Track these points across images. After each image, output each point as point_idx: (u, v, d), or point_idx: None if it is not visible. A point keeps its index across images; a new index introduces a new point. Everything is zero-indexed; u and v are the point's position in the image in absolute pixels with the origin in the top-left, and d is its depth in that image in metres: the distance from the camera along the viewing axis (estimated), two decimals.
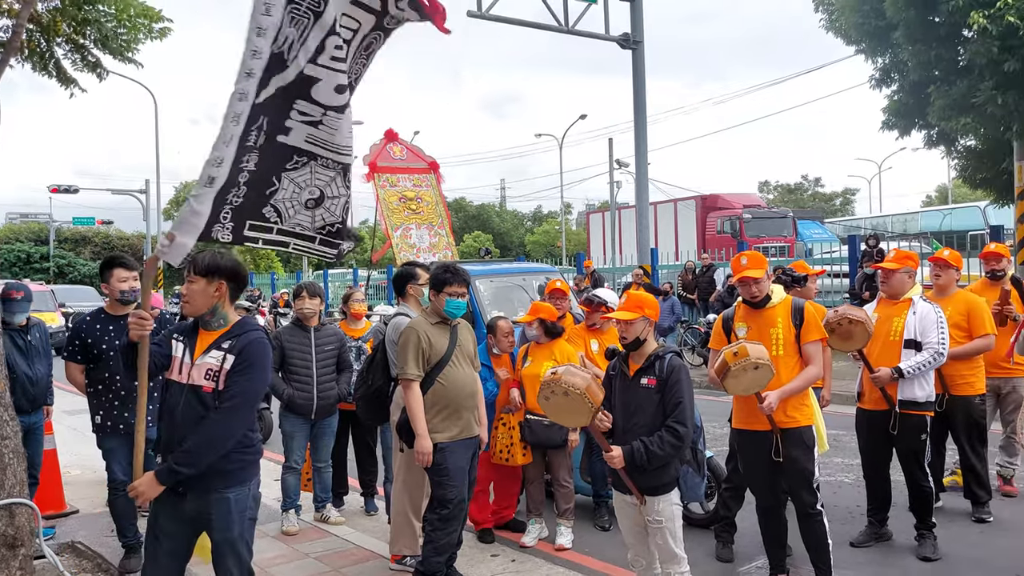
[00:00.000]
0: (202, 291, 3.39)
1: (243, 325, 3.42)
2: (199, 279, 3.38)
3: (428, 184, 10.06)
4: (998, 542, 5.32)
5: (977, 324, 5.55)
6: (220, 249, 3.88)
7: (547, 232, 56.72)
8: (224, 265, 3.41)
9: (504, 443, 5.66)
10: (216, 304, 3.41)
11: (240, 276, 3.48)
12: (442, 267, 4.78)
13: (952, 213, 27.29)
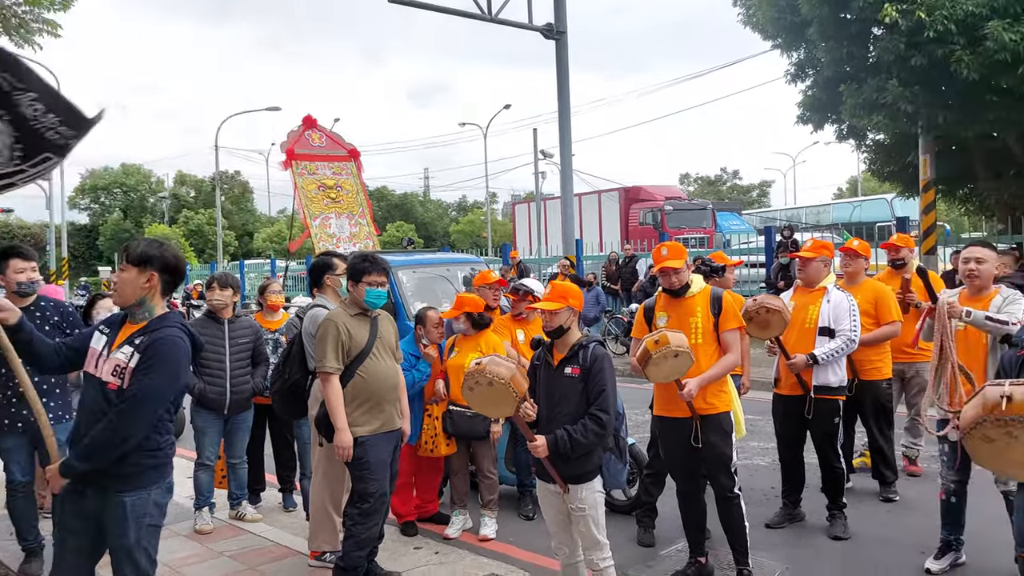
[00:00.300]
0: (132, 281, 3.20)
1: (161, 320, 3.21)
2: (130, 268, 3.20)
3: (348, 172, 9.86)
4: (904, 520, 5.54)
5: (884, 311, 5.75)
6: (161, 238, 3.65)
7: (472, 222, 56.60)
8: (158, 255, 3.21)
9: (428, 434, 5.59)
10: (144, 296, 3.22)
11: (176, 269, 3.27)
12: (359, 256, 4.67)
13: (861, 205, 28.43)
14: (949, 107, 12.01)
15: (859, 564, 4.84)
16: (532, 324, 6.00)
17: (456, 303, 5.72)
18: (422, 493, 5.87)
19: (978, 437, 2.26)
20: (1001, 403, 2.19)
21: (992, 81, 11.26)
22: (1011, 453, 2.23)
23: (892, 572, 4.69)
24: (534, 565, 5.00)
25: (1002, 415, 2.18)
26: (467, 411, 5.32)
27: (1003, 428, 2.19)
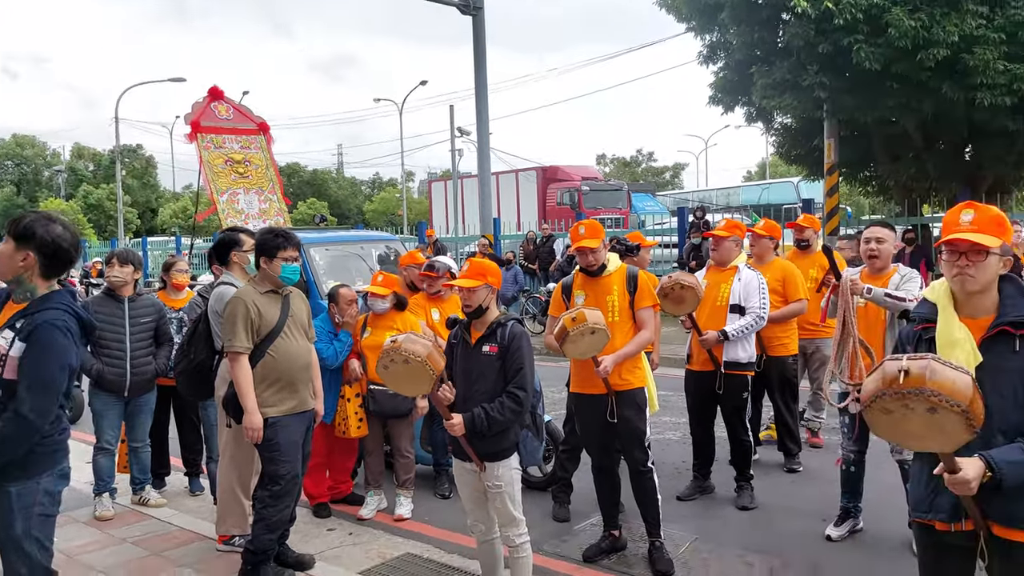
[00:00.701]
0: (8, 257, 2.98)
1: (44, 302, 2.99)
2: (9, 242, 2.98)
3: (257, 146, 9.51)
4: (807, 490, 5.76)
5: (792, 290, 5.94)
6: (55, 213, 3.38)
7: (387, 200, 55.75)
8: (38, 235, 2.97)
9: (340, 416, 5.49)
10: (21, 276, 3.00)
11: (55, 254, 3.01)
12: (273, 231, 4.51)
13: (769, 188, 29.37)
14: (852, 93, 12.46)
15: (765, 532, 5.01)
16: (447, 303, 5.94)
17: (385, 281, 5.57)
18: (335, 474, 5.77)
19: (877, 409, 2.32)
20: (899, 376, 2.25)
21: (892, 68, 11.73)
22: (907, 424, 2.30)
23: (795, 539, 4.87)
24: (450, 543, 4.98)
25: (900, 388, 2.24)
26: (388, 389, 5.23)
27: (900, 400, 2.26)
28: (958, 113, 12.31)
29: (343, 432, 5.50)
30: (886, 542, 4.76)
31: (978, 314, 2.62)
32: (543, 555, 4.67)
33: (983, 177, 13.97)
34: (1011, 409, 2.51)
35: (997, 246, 2.57)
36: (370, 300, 5.57)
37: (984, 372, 2.48)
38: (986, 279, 2.58)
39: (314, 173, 59.59)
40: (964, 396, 2.20)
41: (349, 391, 5.50)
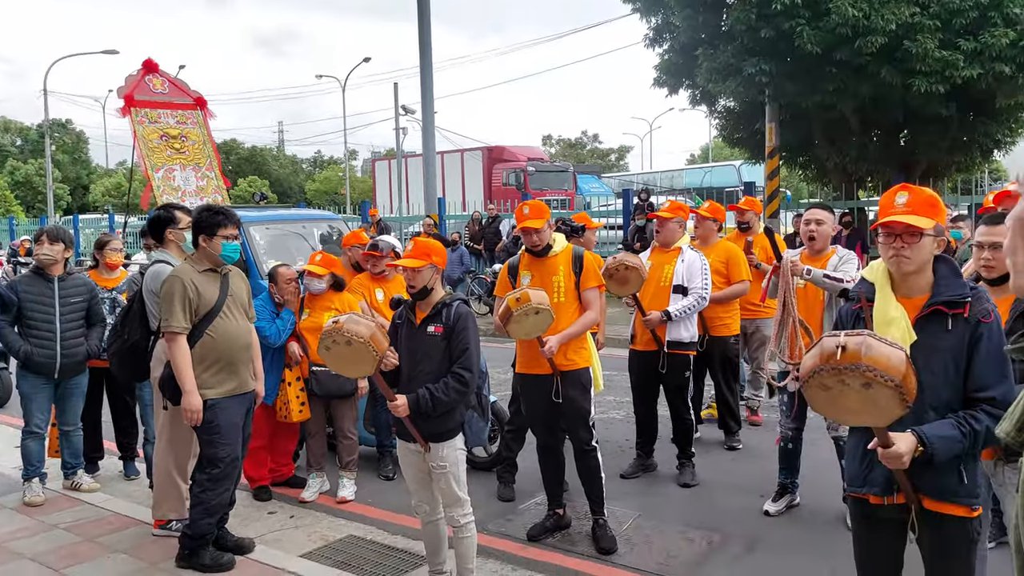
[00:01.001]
0: None
1: None
2: None
3: (194, 121, 9.21)
4: (746, 467, 5.89)
5: (735, 271, 6.03)
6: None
7: (329, 179, 54.84)
8: None
9: (281, 399, 5.39)
10: None
11: None
12: (211, 209, 4.40)
13: (712, 171, 29.76)
14: (793, 78, 12.68)
15: (705, 508, 5.10)
16: (391, 283, 5.87)
17: (324, 261, 5.48)
18: (276, 456, 5.68)
19: (815, 385, 2.37)
20: (836, 353, 2.29)
21: (832, 54, 11.96)
22: (844, 400, 2.35)
23: (735, 515, 4.97)
24: (394, 524, 4.95)
25: (837, 364, 2.29)
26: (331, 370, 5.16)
27: (837, 376, 2.31)
28: (894, 99, 12.63)
29: (284, 416, 5.41)
30: (821, 516, 4.89)
31: (913, 294, 2.69)
32: (488, 534, 4.68)
33: (917, 162, 14.39)
34: (943, 386, 2.58)
35: (931, 227, 2.63)
36: (307, 280, 5.47)
37: (918, 350, 2.55)
38: (921, 259, 2.65)
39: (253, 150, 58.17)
40: (898, 371, 2.26)
41: (289, 375, 5.41)
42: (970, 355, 2.57)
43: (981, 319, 2.57)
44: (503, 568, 4.31)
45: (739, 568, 4.27)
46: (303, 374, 5.45)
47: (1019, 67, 11.59)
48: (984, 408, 2.53)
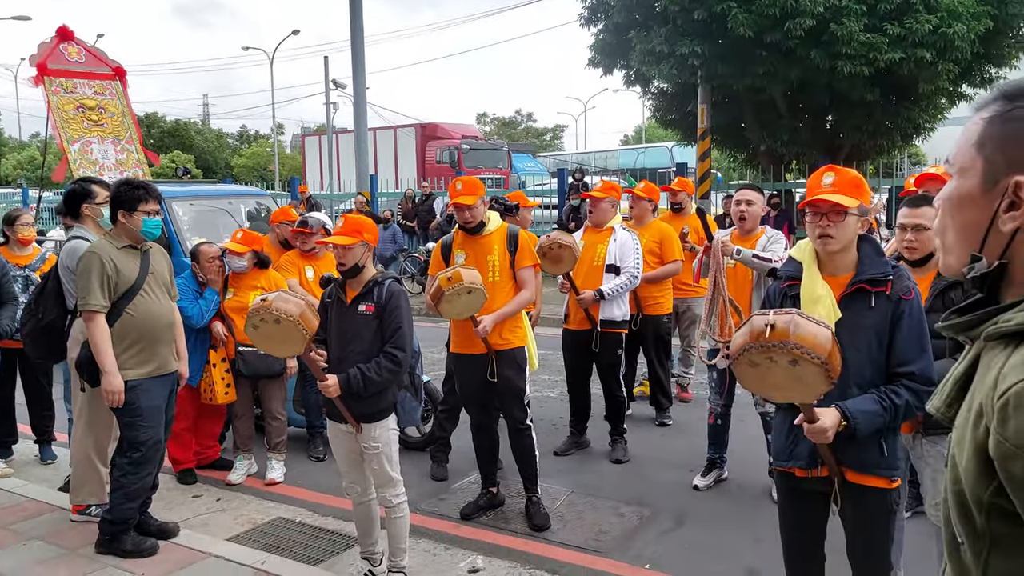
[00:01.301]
0: None
1: None
2: None
3: (113, 93, 8.80)
4: (676, 442, 5.99)
5: (668, 251, 6.09)
6: None
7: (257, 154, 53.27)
8: None
9: (205, 382, 5.24)
10: None
11: None
12: (131, 183, 4.21)
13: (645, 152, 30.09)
14: (725, 60, 12.85)
15: (637, 484, 5.18)
16: (322, 261, 5.75)
17: (245, 239, 5.32)
18: (202, 439, 5.53)
19: (744, 363, 2.40)
20: (765, 331, 2.33)
21: (763, 36, 12.17)
22: (772, 377, 2.40)
23: (665, 489, 5.05)
24: (324, 506, 4.89)
25: (765, 341, 2.33)
26: (259, 349, 5.03)
27: (766, 354, 2.35)
28: (821, 82, 12.93)
29: (210, 399, 5.27)
30: (748, 490, 5.02)
31: (839, 272, 2.75)
32: (421, 514, 4.65)
33: (841, 146, 14.80)
34: (866, 362, 2.66)
35: (855, 206, 2.69)
36: (228, 258, 5.31)
37: (843, 327, 2.62)
38: (846, 238, 2.71)
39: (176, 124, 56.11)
40: (824, 349, 2.31)
41: (214, 356, 5.26)
42: (892, 331, 2.65)
43: (902, 296, 2.65)
44: (436, 547, 4.29)
45: (669, 542, 4.35)
46: (228, 355, 5.31)
47: (939, 53, 11.99)
48: (904, 383, 2.62)
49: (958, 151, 1.08)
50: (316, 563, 4.10)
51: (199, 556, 4.07)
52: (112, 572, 3.91)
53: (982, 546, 0.95)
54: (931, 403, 1.11)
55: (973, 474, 0.94)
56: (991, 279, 1.05)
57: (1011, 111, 1.02)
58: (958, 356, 3.09)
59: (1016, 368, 0.90)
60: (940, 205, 1.11)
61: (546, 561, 4.12)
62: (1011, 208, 1.01)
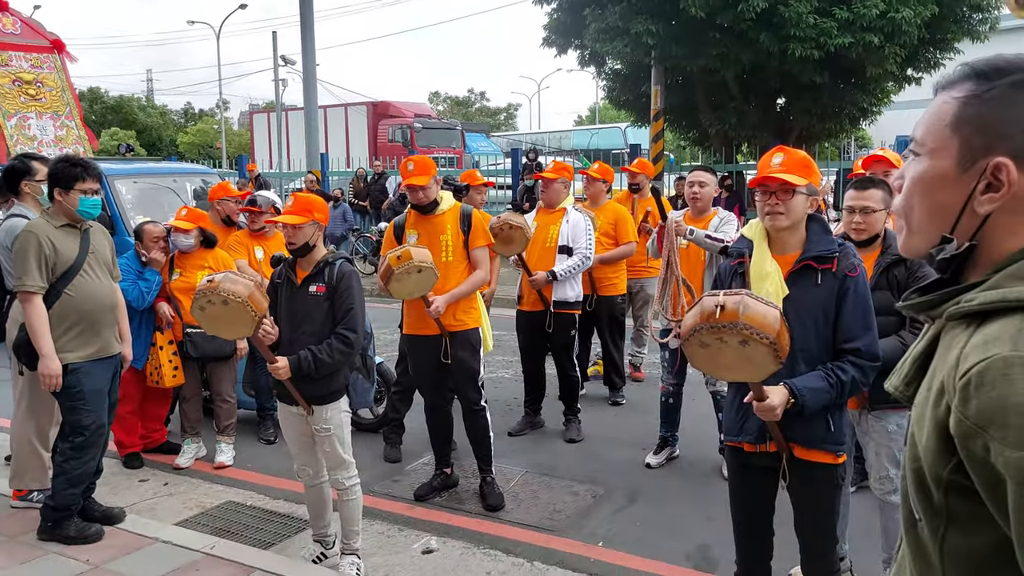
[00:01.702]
0: None
1: None
2: None
3: (51, 66, 8.51)
4: (629, 421, 6.06)
5: (623, 232, 6.10)
6: None
7: (203, 132, 51.99)
8: None
9: (152, 364, 5.11)
10: None
11: None
12: (69, 160, 4.07)
13: (598, 132, 30.15)
14: (679, 41, 12.91)
15: (591, 463, 5.22)
16: (271, 240, 5.65)
17: (189, 215, 5.20)
18: (147, 422, 5.40)
19: (695, 343, 2.43)
20: (716, 312, 2.36)
21: (715, 18, 12.24)
22: (722, 357, 2.42)
23: (618, 468, 5.10)
24: (275, 489, 4.83)
25: (716, 322, 2.35)
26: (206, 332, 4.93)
27: (716, 334, 2.37)
28: (772, 65, 13.08)
29: (156, 382, 5.14)
30: (699, 467, 5.09)
31: (787, 250, 2.79)
32: (374, 496, 4.63)
33: (791, 128, 15.02)
34: (813, 338, 2.70)
35: (804, 185, 2.73)
36: (174, 236, 5.17)
37: (790, 304, 2.67)
38: (794, 216, 2.74)
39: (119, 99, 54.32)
40: (772, 329, 2.34)
41: (161, 338, 5.13)
42: (838, 308, 2.70)
43: (848, 273, 2.70)
44: (389, 529, 4.27)
45: (622, 519, 4.39)
46: (176, 337, 5.18)
47: (886, 37, 12.21)
48: (850, 359, 2.67)
49: (927, 131, 1.06)
50: (267, 546, 4.05)
51: (146, 541, 3.98)
52: (55, 559, 3.81)
53: (939, 522, 0.97)
54: (889, 382, 1.12)
55: (933, 452, 0.95)
56: (957, 261, 1.04)
57: (989, 91, 1.00)
58: (902, 333, 3.17)
59: (978, 348, 0.91)
60: (908, 185, 1.09)
61: (501, 541, 4.14)
62: (988, 190, 1.00)
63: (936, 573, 0.99)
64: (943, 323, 1.03)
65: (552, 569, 3.83)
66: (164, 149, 48.02)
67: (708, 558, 3.93)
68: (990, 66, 1.02)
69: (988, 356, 0.89)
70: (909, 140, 1.11)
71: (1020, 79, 0.99)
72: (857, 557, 3.71)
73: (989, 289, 0.96)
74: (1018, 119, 0.98)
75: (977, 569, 0.94)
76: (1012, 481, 0.85)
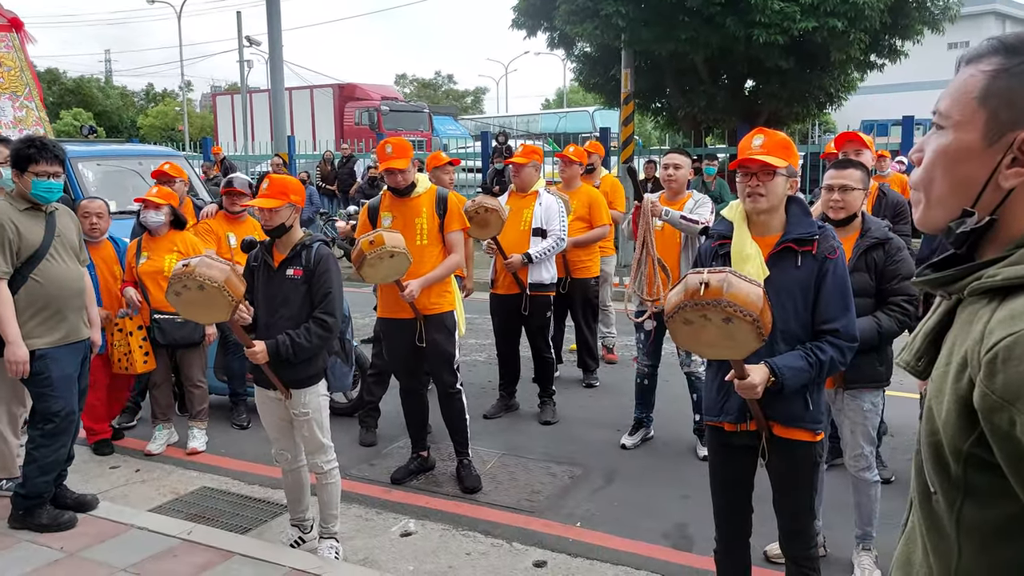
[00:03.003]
0: None
1: None
2: None
3: (9, 45, 8.24)
4: (602, 402, 6.10)
5: (597, 215, 6.11)
6: None
7: (164, 113, 50.92)
8: None
9: (121, 350, 5.01)
10: None
11: None
12: (25, 141, 3.95)
13: (567, 116, 30.06)
14: (649, 24, 12.90)
15: (567, 444, 5.25)
16: (244, 225, 5.56)
17: (162, 194, 5.09)
18: (114, 408, 5.30)
19: (679, 320, 2.44)
20: (700, 289, 2.37)
21: (685, 3, 12.26)
22: (705, 334, 2.44)
23: (594, 449, 5.14)
24: (250, 474, 4.79)
25: (700, 299, 2.37)
26: (176, 317, 4.84)
27: (700, 311, 2.39)
28: (740, 49, 13.14)
29: (126, 368, 5.03)
30: (674, 447, 5.15)
31: (768, 232, 2.81)
32: (351, 479, 4.61)
33: (759, 112, 15.12)
34: (792, 319, 2.73)
35: (783, 167, 2.74)
36: (144, 213, 5.06)
37: (770, 285, 2.68)
38: (775, 197, 2.76)
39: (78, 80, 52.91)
40: (756, 307, 2.36)
41: (130, 324, 5.02)
42: (817, 289, 2.73)
43: (827, 256, 2.73)
44: (367, 512, 4.27)
45: (600, 499, 4.43)
46: (145, 322, 5.08)
47: (850, 22, 12.33)
48: (829, 339, 2.70)
49: (953, 103, 1.05)
50: (244, 532, 4.02)
51: (121, 528, 3.93)
52: (27, 547, 3.74)
53: (957, 495, 0.98)
54: (900, 356, 1.12)
55: (953, 425, 0.96)
56: (974, 236, 1.04)
57: (1020, 65, 1.00)
58: (878, 314, 3.22)
59: (1004, 323, 0.92)
60: (930, 158, 1.08)
61: (479, 523, 4.15)
62: (1014, 164, 1.00)
63: (950, 544, 1.00)
64: (959, 298, 1.04)
65: (531, 550, 3.85)
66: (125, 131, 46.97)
67: (685, 536, 3.98)
68: (1020, 40, 1.01)
69: (1016, 331, 0.89)
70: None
71: None
72: (830, 532, 3.79)
73: (1012, 265, 0.97)
74: None
75: (992, 541, 0.96)
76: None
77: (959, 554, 0.99)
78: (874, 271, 3.31)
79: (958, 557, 0.99)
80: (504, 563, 3.74)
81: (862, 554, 3.58)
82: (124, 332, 5.02)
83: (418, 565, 3.73)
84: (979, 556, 0.97)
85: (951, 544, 1.00)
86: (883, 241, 3.35)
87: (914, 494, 1.08)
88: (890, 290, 3.33)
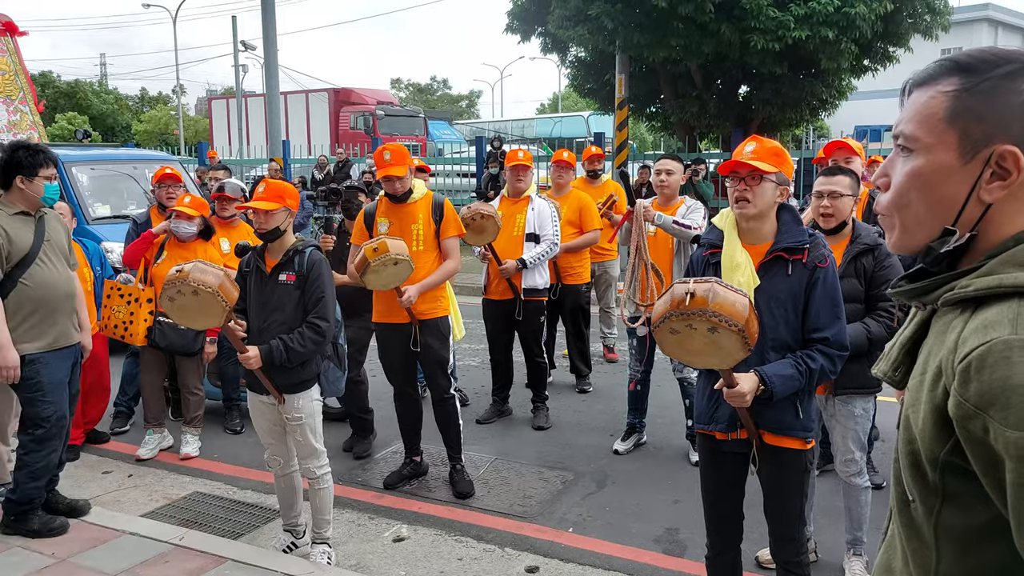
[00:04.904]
0: None
1: None
2: None
3: (3, 49, 8.26)
4: (596, 407, 6.11)
5: (588, 220, 6.12)
6: None
7: (158, 118, 50.86)
8: None
9: (120, 316, 4.95)
10: None
11: None
12: (27, 147, 3.95)
13: (562, 121, 30.13)
14: (642, 30, 12.96)
15: (559, 449, 5.25)
16: (236, 230, 5.56)
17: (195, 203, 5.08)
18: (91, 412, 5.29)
19: (665, 329, 2.45)
20: (686, 299, 2.38)
21: (679, 9, 12.31)
22: (691, 343, 2.45)
23: (587, 453, 5.15)
24: (243, 479, 4.79)
25: (685, 309, 2.38)
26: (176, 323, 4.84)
27: (685, 321, 2.40)
28: (734, 56, 13.21)
29: (121, 337, 4.99)
30: (666, 452, 5.16)
31: (758, 240, 2.82)
32: (344, 484, 4.61)
33: (753, 118, 15.19)
34: (782, 327, 2.75)
35: (773, 172, 2.76)
36: (174, 223, 5.04)
37: (760, 294, 2.70)
38: (763, 203, 2.76)
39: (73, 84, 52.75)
40: (741, 317, 2.37)
41: (146, 292, 4.99)
42: (807, 298, 2.74)
43: (818, 264, 2.75)
44: (360, 517, 4.27)
45: (592, 505, 4.44)
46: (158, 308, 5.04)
47: (841, 31, 12.41)
48: (819, 348, 2.72)
49: (919, 126, 1.06)
50: (236, 537, 4.02)
51: (113, 534, 3.92)
52: (19, 552, 3.73)
53: (935, 502, 0.99)
54: (877, 367, 1.14)
55: (929, 433, 0.98)
56: (955, 254, 1.04)
57: (982, 83, 1.01)
58: (867, 320, 3.24)
59: (977, 332, 0.93)
60: (901, 182, 1.08)
61: (472, 528, 4.16)
62: (994, 178, 1.01)
63: (930, 550, 1.02)
64: (933, 309, 1.05)
65: (523, 555, 3.86)
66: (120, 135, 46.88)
67: (677, 541, 3.99)
68: (976, 59, 1.03)
69: (988, 340, 0.91)
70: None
71: (1012, 69, 1.01)
72: (821, 537, 3.81)
73: (984, 275, 0.98)
74: (1016, 107, 1.00)
75: (971, 545, 0.97)
76: (1011, 460, 0.87)
77: (938, 560, 1.00)
78: (863, 277, 3.33)
79: (937, 563, 1.01)
80: (496, 568, 3.75)
81: (853, 559, 3.60)
82: (129, 299, 4.98)
83: (410, 570, 3.74)
84: (958, 562, 0.99)
85: (930, 550, 1.01)
86: (872, 247, 3.37)
87: (893, 502, 1.09)
88: (879, 296, 3.35)
